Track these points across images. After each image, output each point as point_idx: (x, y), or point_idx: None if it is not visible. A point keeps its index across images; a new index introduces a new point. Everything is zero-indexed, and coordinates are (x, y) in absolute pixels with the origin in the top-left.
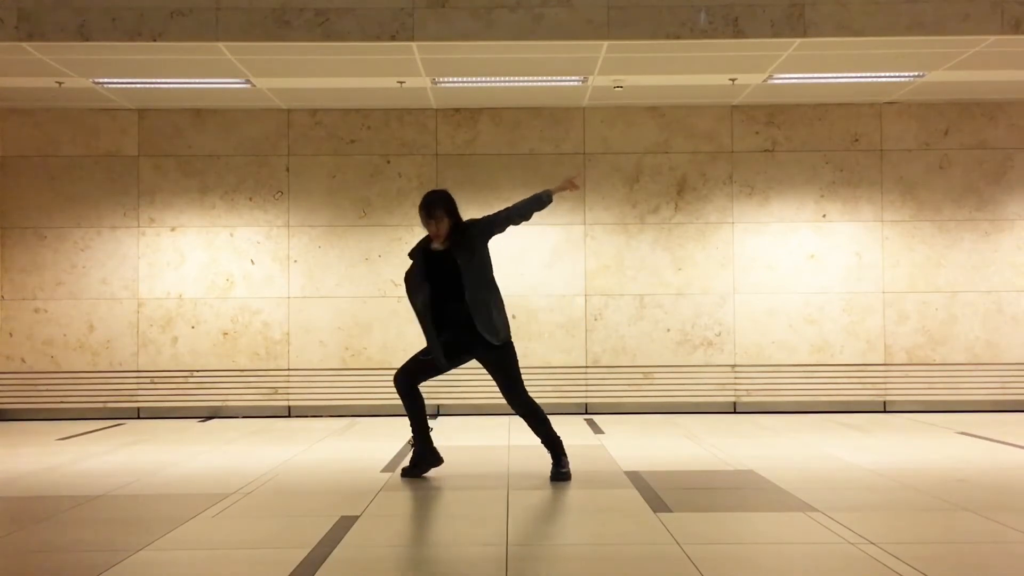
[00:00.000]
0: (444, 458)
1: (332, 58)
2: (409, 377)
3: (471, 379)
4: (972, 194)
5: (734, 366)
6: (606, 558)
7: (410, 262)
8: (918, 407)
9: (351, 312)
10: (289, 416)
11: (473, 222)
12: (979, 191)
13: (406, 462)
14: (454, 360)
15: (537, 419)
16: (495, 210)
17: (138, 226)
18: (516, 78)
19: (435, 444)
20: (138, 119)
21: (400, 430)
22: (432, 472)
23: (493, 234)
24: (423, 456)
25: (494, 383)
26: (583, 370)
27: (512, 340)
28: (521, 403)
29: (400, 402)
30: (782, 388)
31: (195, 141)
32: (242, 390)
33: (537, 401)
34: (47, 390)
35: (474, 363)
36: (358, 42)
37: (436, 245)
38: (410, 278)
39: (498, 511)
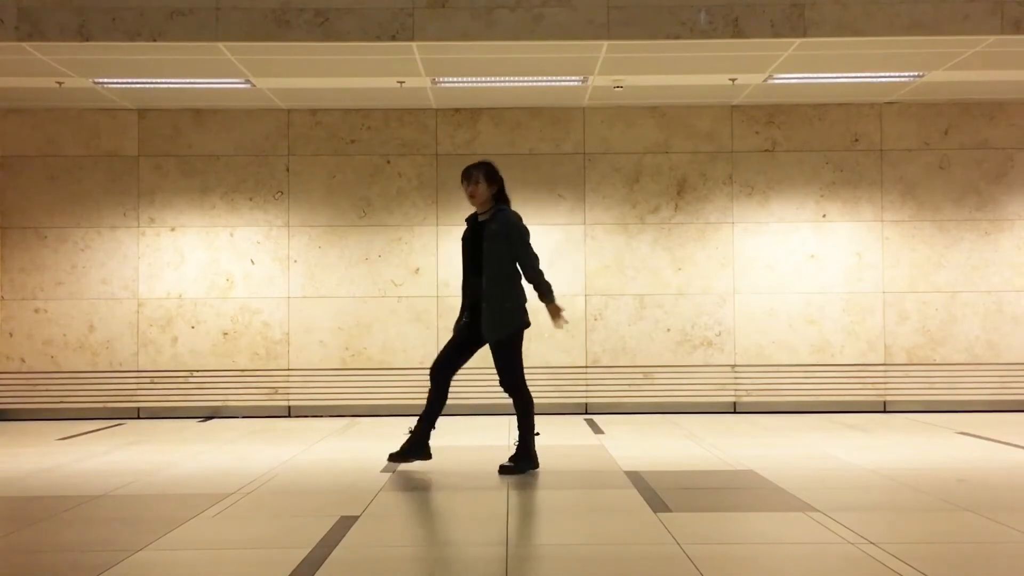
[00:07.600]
0: (436, 457)
1: (332, 58)
2: (446, 362)
3: (471, 379)
4: (972, 194)
5: (734, 366)
6: (606, 558)
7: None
8: (918, 407)
9: (351, 312)
10: (289, 416)
11: (515, 221)
12: (979, 191)
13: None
14: (472, 336)
15: (524, 409)
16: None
17: (138, 226)
18: (516, 78)
19: (433, 443)
20: (138, 119)
21: (400, 430)
22: (433, 472)
23: (514, 251)
24: (416, 446)
25: (494, 383)
26: (583, 370)
27: (511, 336)
28: (511, 386)
29: (401, 401)
30: (782, 388)
31: (195, 141)
32: (242, 390)
33: (537, 401)
34: (47, 390)
35: (472, 365)
36: (358, 42)
37: (479, 213)
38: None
39: (498, 511)
